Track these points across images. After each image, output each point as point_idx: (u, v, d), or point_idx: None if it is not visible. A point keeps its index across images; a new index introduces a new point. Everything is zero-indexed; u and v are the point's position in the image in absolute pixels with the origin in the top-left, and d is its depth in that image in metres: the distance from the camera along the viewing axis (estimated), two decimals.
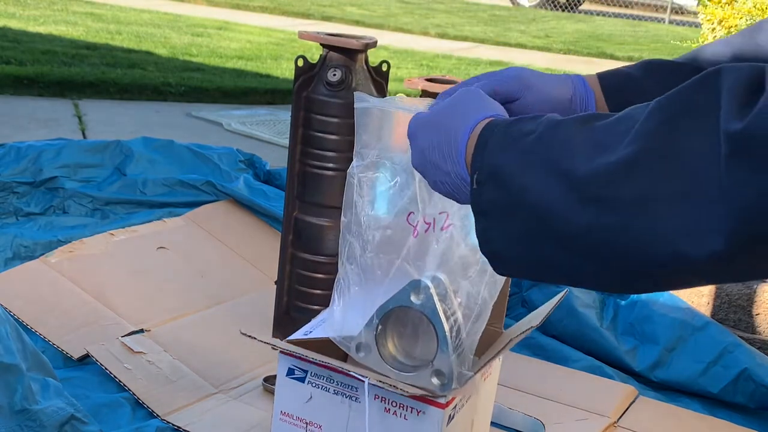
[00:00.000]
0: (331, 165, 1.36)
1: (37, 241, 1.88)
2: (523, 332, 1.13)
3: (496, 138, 0.80)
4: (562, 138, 0.75)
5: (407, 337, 1.07)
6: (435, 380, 1.04)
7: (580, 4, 11.90)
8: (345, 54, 1.35)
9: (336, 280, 1.11)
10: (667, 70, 1.07)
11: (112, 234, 1.88)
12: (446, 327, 1.03)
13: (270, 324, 1.44)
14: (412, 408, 1.05)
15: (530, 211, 0.75)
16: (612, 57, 7.67)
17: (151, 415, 1.38)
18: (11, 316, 1.50)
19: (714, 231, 0.65)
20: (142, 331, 1.59)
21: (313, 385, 1.09)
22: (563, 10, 11.39)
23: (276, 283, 1.44)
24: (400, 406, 1.06)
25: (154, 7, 7.58)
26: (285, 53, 5.78)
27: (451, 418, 1.06)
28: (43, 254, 1.77)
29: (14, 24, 5.73)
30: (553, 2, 11.48)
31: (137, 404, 1.40)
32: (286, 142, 1.45)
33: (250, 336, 1.12)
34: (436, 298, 1.02)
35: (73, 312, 1.61)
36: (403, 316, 1.06)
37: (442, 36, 8.02)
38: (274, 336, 1.43)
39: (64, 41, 5.29)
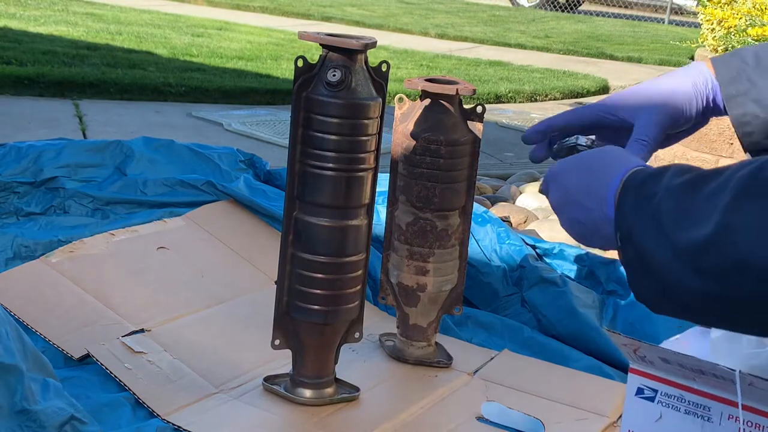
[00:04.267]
0: (331, 165, 1.36)
1: (38, 241, 1.87)
2: None
3: (630, 198, 0.89)
4: (673, 204, 0.83)
5: None
6: None
7: (580, 5, 11.90)
8: (345, 54, 1.35)
9: None
10: None
11: (113, 234, 1.88)
12: None
13: (270, 324, 1.44)
14: None
15: (656, 273, 0.84)
16: (612, 57, 7.68)
17: (152, 414, 1.38)
18: (11, 316, 1.50)
19: None
20: (142, 331, 1.59)
21: (664, 404, 1.08)
22: (563, 11, 11.39)
23: (276, 283, 1.44)
24: (756, 426, 0.99)
25: (154, 7, 7.58)
26: (285, 53, 5.78)
27: None
28: (43, 254, 1.77)
29: (15, 24, 5.73)
30: (553, 2, 11.48)
31: (138, 404, 1.40)
32: (286, 142, 1.46)
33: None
34: None
35: (73, 312, 1.61)
36: None
37: (442, 36, 8.03)
38: (274, 336, 1.43)
39: (64, 41, 5.30)
